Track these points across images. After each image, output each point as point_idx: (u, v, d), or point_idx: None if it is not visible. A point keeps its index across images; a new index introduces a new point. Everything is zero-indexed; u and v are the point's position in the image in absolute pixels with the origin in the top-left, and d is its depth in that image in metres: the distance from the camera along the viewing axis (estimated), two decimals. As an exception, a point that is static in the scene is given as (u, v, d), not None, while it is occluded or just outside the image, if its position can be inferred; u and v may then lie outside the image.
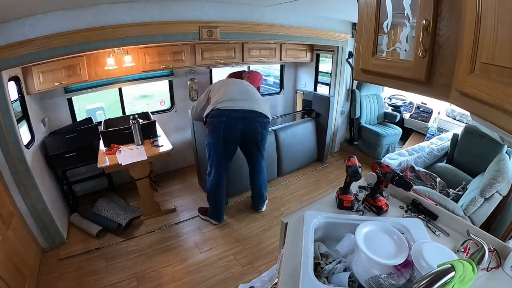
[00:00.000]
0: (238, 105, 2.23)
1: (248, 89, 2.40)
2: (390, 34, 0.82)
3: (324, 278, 0.93)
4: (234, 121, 2.21)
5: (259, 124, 2.29)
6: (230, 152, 2.38)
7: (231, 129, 2.23)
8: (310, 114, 3.73)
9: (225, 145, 2.29)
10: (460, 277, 0.64)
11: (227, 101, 2.24)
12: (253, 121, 2.27)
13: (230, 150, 2.37)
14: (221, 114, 2.21)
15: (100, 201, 2.71)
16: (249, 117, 2.24)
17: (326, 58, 3.90)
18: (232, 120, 2.21)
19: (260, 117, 2.29)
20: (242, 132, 2.26)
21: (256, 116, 2.27)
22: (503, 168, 1.92)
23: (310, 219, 1.07)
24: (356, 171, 1.15)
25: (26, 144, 2.06)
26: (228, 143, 2.29)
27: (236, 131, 2.24)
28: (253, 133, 2.30)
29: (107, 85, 2.92)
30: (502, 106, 0.46)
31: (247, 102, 2.27)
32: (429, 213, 1.18)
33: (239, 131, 2.25)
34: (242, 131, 2.25)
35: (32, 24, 1.76)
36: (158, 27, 2.14)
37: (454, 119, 3.71)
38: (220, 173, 2.41)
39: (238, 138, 2.30)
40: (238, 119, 2.21)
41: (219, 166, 2.38)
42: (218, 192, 2.49)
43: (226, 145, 2.30)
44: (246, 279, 2.01)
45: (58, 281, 2.01)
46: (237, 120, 2.21)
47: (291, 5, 2.43)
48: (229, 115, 2.20)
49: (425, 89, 0.72)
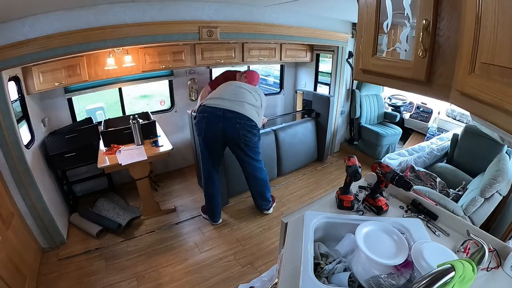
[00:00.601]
0: (222, 104, 2.26)
1: (241, 91, 2.39)
2: (390, 34, 0.82)
3: (324, 278, 0.93)
4: (215, 119, 2.24)
5: (239, 125, 2.26)
6: (215, 150, 2.40)
7: (212, 127, 2.26)
8: (310, 114, 3.73)
9: (208, 143, 2.34)
10: (460, 277, 0.64)
11: (214, 99, 2.31)
12: (234, 122, 2.25)
13: (214, 149, 2.39)
14: (205, 110, 2.28)
15: (100, 201, 2.71)
16: (230, 117, 2.24)
17: (326, 58, 3.89)
18: (214, 117, 2.24)
19: (241, 118, 2.27)
20: (223, 131, 2.27)
21: (237, 117, 2.26)
22: (503, 168, 1.92)
23: (310, 219, 1.07)
24: (356, 171, 1.15)
25: (26, 144, 2.06)
26: (210, 141, 2.33)
27: (217, 129, 2.26)
28: (234, 133, 2.29)
29: (107, 85, 2.92)
30: (502, 106, 0.46)
31: (232, 102, 2.28)
32: (429, 213, 1.18)
33: (220, 130, 2.26)
34: (223, 130, 2.26)
35: (32, 24, 1.76)
36: (158, 27, 2.14)
37: (454, 119, 3.71)
38: (209, 171, 2.44)
39: (220, 137, 2.30)
40: (219, 118, 2.24)
41: (206, 163, 2.43)
42: (209, 191, 2.50)
43: (209, 143, 2.34)
44: (246, 279, 2.01)
45: (58, 281, 2.01)
46: (217, 118, 2.24)
47: (291, 5, 2.43)
48: (211, 112, 2.25)
49: (425, 89, 0.72)
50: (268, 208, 2.76)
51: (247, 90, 2.41)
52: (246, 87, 2.44)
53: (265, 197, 2.69)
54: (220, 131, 2.26)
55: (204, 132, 2.29)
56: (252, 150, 2.43)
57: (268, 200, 2.71)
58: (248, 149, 2.40)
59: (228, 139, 2.33)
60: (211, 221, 2.62)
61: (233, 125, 2.25)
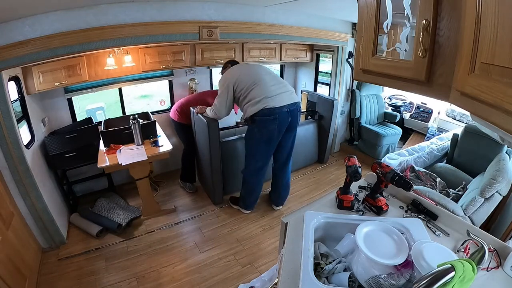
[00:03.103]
0: (285, 100, 2.23)
1: (276, 76, 2.41)
2: (390, 34, 0.82)
3: (324, 278, 0.93)
4: (285, 117, 2.25)
5: (299, 113, 2.36)
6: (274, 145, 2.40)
7: (283, 126, 2.28)
8: (313, 116, 3.69)
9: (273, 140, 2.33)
10: (460, 277, 0.64)
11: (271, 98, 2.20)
12: (296, 113, 2.31)
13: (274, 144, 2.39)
14: (273, 112, 2.20)
15: (100, 201, 2.71)
16: (293, 110, 2.27)
17: (326, 58, 3.89)
18: (284, 115, 2.24)
19: (298, 106, 2.33)
20: (290, 125, 2.30)
21: (298, 107, 2.32)
22: (503, 168, 1.92)
23: (310, 219, 1.07)
24: (356, 171, 1.15)
25: (26, 144, 2.06)
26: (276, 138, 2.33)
27: (286, 126, 2.29)
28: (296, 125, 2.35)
29: (107, 85, 2.92)
30: (502, 106, 0.46)
31: (287, 94, 2.28)
32: (429, 213, 1.18)
33: (287, 125, 2.29)
34: (290, 124, 2.30)
35: (32, 24, 1.75)
36: (158, 27, 2.14)
37: (454, 119, 3.71)
38: (263, 164, 2.48)
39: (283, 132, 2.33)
40: (287, 114, 2.24)
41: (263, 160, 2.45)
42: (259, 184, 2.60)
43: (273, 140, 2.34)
44: (246, 279, 2.01)
45: (58, 281, 2.01)
46: (287, 115, 2.25)
47: (291, 5, 2.43)
48: (280, 112, 2.21)
49: (425, 89, 0.72)
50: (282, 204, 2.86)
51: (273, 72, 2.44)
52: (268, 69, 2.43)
53: (288, 192, 2.81)
54: (287, 126, 2.30)
55: (277, 133, 2.28)
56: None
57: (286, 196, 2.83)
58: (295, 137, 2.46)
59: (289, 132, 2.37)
60: (249, 209, 2.74)
61: (297, 116, 2.32)
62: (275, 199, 2.81)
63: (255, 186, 2.61)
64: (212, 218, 2.70)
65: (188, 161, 3.11)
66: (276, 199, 2.81)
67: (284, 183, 2.71)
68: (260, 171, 2.51)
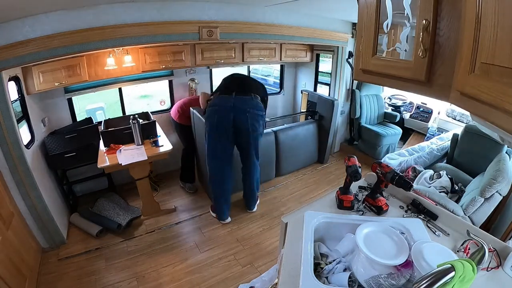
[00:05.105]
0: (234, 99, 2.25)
1: (248, 84, 2.42)
2: (390, 34, 0.82)
3: (324, 278, 0.93)
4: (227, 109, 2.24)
5: (250, 117, 2.29)
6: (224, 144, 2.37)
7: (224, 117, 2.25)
8: (313, 116, 3.68)
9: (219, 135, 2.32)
10: (460, 277, 0.64)
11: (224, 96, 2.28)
12: (246, 114, 2.27)
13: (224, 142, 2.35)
14: (215, 103, 2.27)
15: (100, 201, 2.71)
16: (241, 109, 2.25)
17: (326, 58, 3.89)
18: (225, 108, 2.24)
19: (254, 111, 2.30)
20: (233, 122, 2.27)
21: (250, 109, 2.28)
22: (503, 168, 1.92)
23: (310, 219, 1.07)
24: (356, 171, 1.15)
25: (26, 144, 2.06)
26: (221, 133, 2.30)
27: (228, 121, 2.26)
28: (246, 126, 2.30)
29: (107, 85, 2.92)
30: (502, 106, 0.46)
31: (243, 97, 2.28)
32: (429, 213, 1.18)
33: (230, 121, 2.26)
34: (233, 121, 2.27)
35: (32, 24, 1.75)
36: (158, 27, 2.14)
37: (454, 119, 3.71)
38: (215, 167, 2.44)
39: (230, 128, 2.29)
40: (230, 109, 2.24)
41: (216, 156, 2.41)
42: (216, 187, 2.53)
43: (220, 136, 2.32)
44: (246, 279, 2.01)
45: (58, 281, 2.01)
46: (229, 109, 2.24)
47: (291, 5, 2.43)
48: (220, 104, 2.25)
49: (425, 89, 0.72)
50: (255, 207, 2.83)
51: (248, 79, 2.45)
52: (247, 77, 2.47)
53: (256, 196, 2.78)
54: (231, 123, 2.27)
55: (220, 125, 2.27)
56: (256, 141, 2.45)
57: (256, 199, 2.80)
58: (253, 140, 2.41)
59: (238, 131, 2.33)
60: (218, 218, 2.66)
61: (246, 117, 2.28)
62: (245, 202, 2.82)
63: (216, 189, 2.54)
64: (212, 218, 2.70)
65: (188, 161, 3.11)
66: (246, 202, 2.82)
67: (248, 186, 2.68)
68: (218, 174, 2.46)
